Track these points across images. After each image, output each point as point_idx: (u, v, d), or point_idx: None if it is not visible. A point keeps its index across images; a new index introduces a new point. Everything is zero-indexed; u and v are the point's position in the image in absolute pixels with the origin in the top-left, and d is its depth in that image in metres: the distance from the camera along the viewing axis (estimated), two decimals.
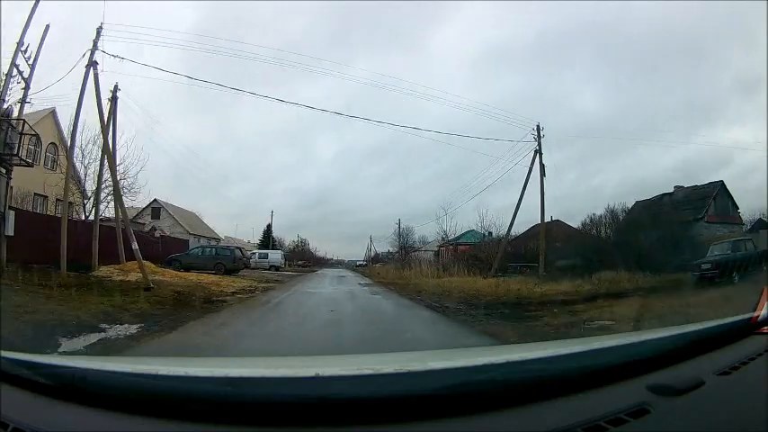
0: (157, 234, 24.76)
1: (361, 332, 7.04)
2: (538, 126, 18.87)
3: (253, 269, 25.82)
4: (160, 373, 1.14)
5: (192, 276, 15.36)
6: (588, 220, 20.91)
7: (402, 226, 44.08)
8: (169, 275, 14.64)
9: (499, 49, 52.63)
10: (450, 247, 29.27)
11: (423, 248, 37.24)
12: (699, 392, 1.12)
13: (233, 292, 12.38)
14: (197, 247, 22.78)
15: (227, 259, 20.06)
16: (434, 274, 20.85)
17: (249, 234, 51.49)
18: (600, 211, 20.65)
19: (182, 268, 17.70)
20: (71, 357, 1.61)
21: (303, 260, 60.30)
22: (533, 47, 50.42)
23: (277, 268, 32.01)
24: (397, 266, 29.46)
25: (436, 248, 33.52)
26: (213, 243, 30.84)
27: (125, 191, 16.69)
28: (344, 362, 1.72)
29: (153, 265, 14.66)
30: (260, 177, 69.75)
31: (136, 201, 20.18)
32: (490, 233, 24.41)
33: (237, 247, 24.00)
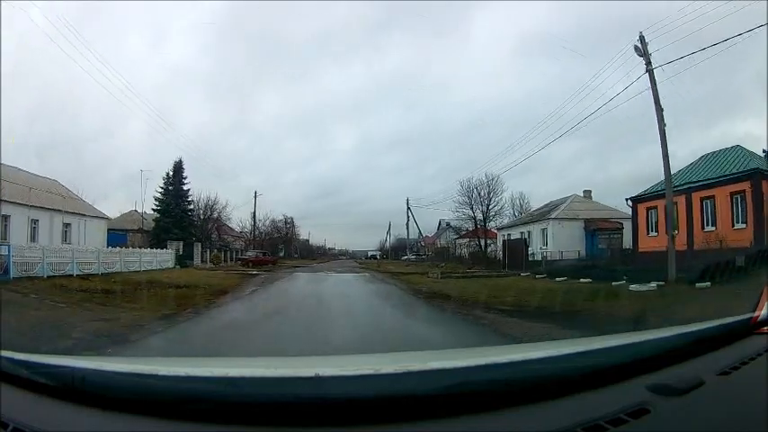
0: None
1: None
2: None
3: None
4: (160, 373, 1.14)
5: None
6: None
7: (471, 180, 26.84)
8: None
9: (534, 38, 52.28)
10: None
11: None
12: (699, 392, 1.11)
13: None
14: None
15: None
16: None
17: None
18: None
19: None
20: (71, 357, 1.61)
21: (260, 251, 32.79)
22: (567, 38, 50.30)
23: None
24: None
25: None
26: None
27: None
28: (344, 362, 1.72)
29: None
30: (270, 167, 67.35)
31: None
32: None
33: None
